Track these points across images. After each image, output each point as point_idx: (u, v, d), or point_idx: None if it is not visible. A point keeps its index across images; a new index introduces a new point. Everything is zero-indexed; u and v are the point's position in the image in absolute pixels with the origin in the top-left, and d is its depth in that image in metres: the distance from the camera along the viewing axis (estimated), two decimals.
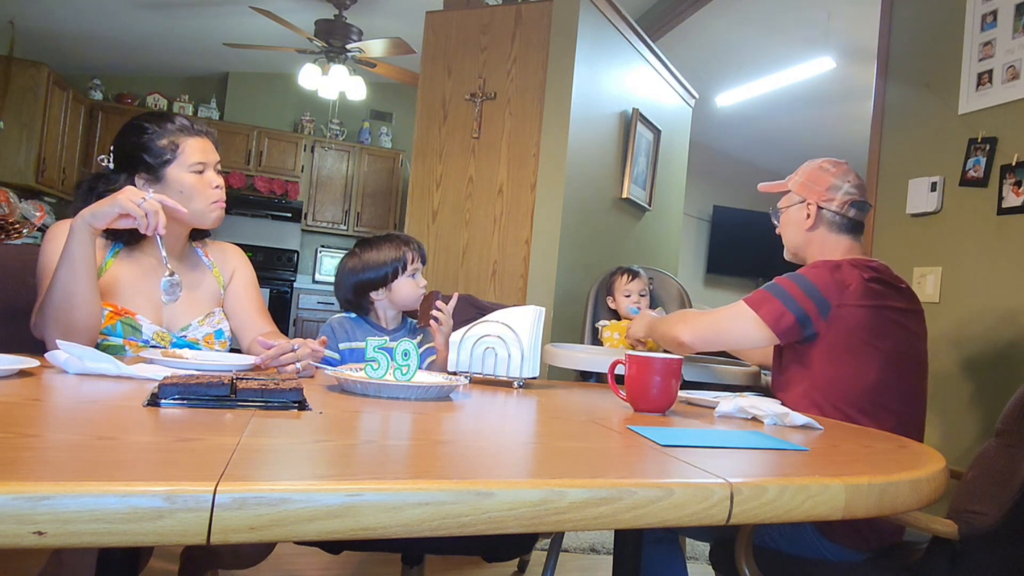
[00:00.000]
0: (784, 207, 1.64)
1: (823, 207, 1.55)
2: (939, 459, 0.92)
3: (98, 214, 1.27)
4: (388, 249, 1.74)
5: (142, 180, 1.48)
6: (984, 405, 2.12)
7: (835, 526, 1.32)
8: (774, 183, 1.67)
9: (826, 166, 1.59)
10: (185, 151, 1.49)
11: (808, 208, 1.57)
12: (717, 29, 4.96)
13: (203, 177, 1.51)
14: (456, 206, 3.36)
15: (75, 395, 0.96)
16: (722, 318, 1.52)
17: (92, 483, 0.51)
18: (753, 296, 1.49)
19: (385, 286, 1.73)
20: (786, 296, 1.43)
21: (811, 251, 1.59)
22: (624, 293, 2.47)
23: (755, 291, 1.50)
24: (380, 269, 1.72)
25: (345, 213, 6.45)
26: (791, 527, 1.34)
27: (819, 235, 1.57)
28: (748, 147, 7.24)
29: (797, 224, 1.59)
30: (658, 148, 4.01)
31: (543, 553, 2.32)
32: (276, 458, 0.69)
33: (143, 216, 1.27)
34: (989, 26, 2.20)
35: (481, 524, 0.59)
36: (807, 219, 1.57)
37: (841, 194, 1.54)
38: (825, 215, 1.56)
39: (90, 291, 1.30)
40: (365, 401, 1.08)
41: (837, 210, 1.54)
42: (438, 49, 3.43)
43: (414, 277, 1.74)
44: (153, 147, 1.47)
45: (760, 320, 1.44)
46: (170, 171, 1.48)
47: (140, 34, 5.38)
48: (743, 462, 0.83)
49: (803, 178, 1.60)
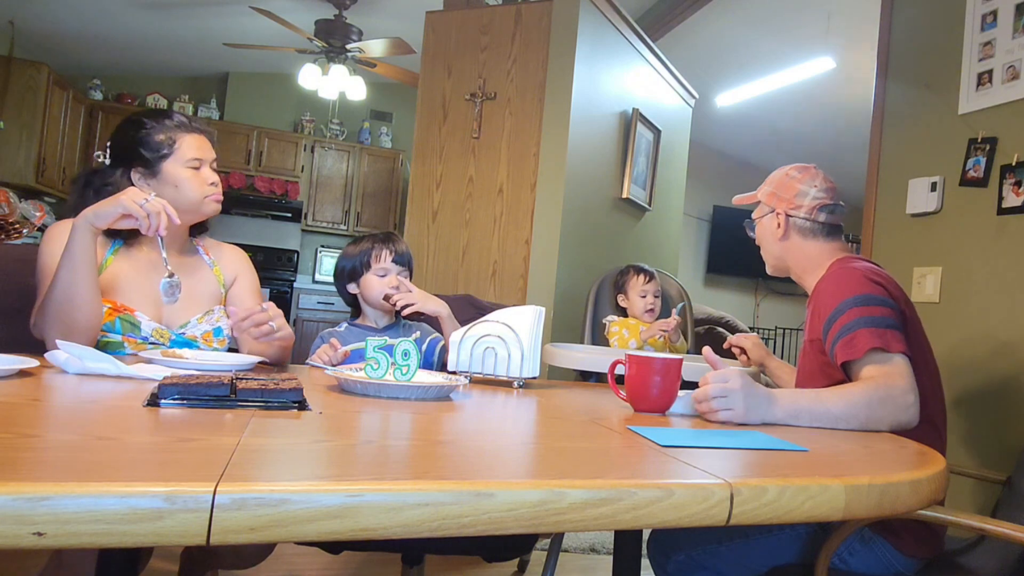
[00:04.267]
0: (757, 218, 1.60)
1: (792, 215, 1.51)
2: (939, 459, 0.92)
3: (100, 214, 1.27)
4: (363, 243, 1.77)
5: (138, 175, 1.49)
6: (984, 405, 2.12)
7: (905, 537, 1.29)
8: (746, 195, 1.63)
9: (792, 173, 1.55)
10: (181, 147, 1.49)
11: (778, 218, 1.53)
12: (717, 29, 4.96)
13: (199, 173, 1.51)
14: (456, 206, 3.36)
15: (75, 395, 0.96)
16: (889, 375, 1.24)
17: (92, 483, 0.51)
18: (859, 339, 1.26)
19: (355, 280, 1.75)
20: (882, 320, 1.29)
21: (791, 261, 1.54)
22: (640, 293, 2.48)
23: (845, 337, 1.28)
24: (349, 261, 1.75)
25: (345, 213, 6.45)
26: (863, 545, 1.31)
27: (794, 244, 1.52)
28: (748, 147, 7.24)
29: (771, 235, 1.55)
30: (658, 148, 4.01)
31: (543, 553, 2.32)
32: (276, 458, 0.69)
33: (145, 217, 1.28)
34: (989, 26, 2.20)
35: (481, 524, 0.59)
36: (778, 229, 1.53)
37: (808, 200, 1.50)
38: (795, 223, 1.51)
39: (91, 291, 1.30)
40: (365, 401, 1.08)
41: (807, 216, 1.50)
42: (438, 49, 3.43)
43: (382, 276, 1.73)
44: (150, 142, 1.48)
45: (905, 357, 1.27)
46: (166, 166, 1.48)
47: (140, 34, 5.37)
48: (743, 462, 0.83)
49: (771, 187, 1.56)
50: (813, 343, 1.42)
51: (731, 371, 1.14)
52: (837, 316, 1.31)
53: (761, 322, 7.79)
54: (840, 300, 1.32)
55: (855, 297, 1.31)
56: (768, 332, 7.52)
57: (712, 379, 1.13)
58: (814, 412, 1.17)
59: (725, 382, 1.12)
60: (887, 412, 1.19)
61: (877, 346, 1.25)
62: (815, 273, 1.49)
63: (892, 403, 1.20)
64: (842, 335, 1.29)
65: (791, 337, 7.66)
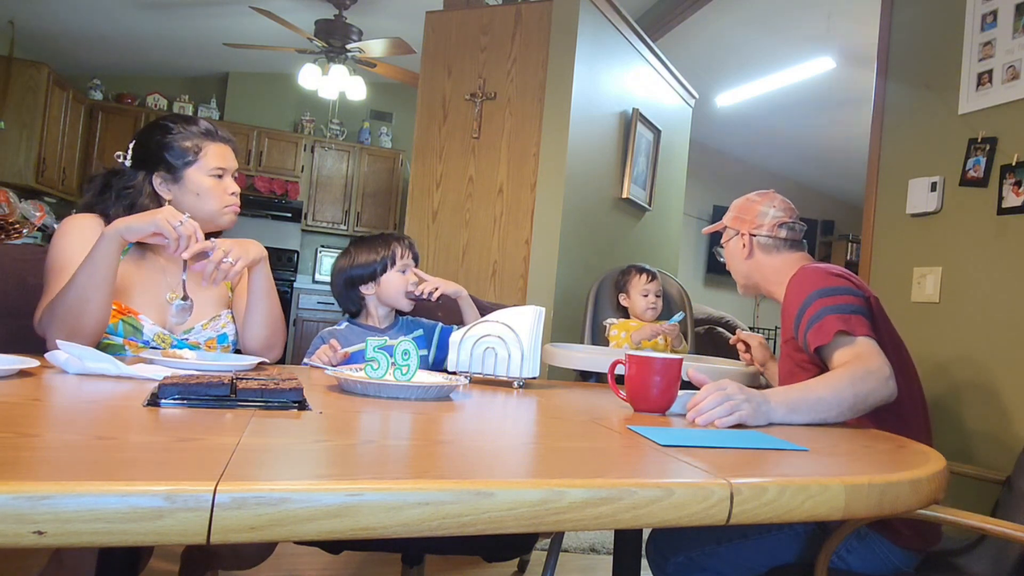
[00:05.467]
0: (724, 242, 1.71)
1: (755, 234, 1.62)
2: (939, 459, 0.92)
3: (133, 228, 1.28)
4: (379, 244, 1.78)
5: (160, 179, 1.49)
6: (983, 405, 2.12)
7: (901, 530, 1.30)
8: (713, 225, 1.76)
9: (753, 197, 1.68)
10: (207, 155, 1.50)
11: (743, 239, 1.64)
12: (717, 29, 4.96)
13: (221, 182, 1.52)
14: (456, 206, 3.36)
15: (75, 395, 0.96)
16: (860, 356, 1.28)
17: (92, 483, 0.51)
18: (826, 325, 1.32)
19: (374, 280, 1.76)
20: (846, 306, 1.34)
21: (759, 277, 1.64)
22: (642, 293, 2.49)
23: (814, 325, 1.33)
24: (370, 264, 1.75)
25: (345, 213, 6.45)
26: (859, 542, 1.33)
27: (759, 260, 1.63)
28: (748, 147, 7.24)
29: (737, 255, 1.66)
30: (658, 148, 4.01)
31: (543, 553, 2.32)
32: (276, 458, 0.69)
33: (176, 239, 1.29)
34: (989, 26, 2.20)
35: (481, 524, 0.59)
36: (743, 248, 1.64)
37: (768, 219, 1.62)
38: (758, 240, 1.62)
39: (105, 300, 1.30)
40: (365, 401, 1.08)
41: (768, 234, 1.61)
42: (438, 49, 3.43)
43: (404, 273, 1.76)
44: (176, 147, 1.48)
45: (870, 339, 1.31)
46: (189, 172, 1.49)
47: (140, 34, 5.38)
48: (743, 462, 0.83)
49: (734, 212, 1.68)
50: (788, 343, 1.48)
51: (723, 380, 1.15)
52: (805, 308, 1.39)
53: (761, 322, 7.80)
54: (805, 295, 1.40)
55: (819, 290, 1.39)
56: (768, 332, 7.52)
57: (711, 388, 1.12)
58: (807, 401, 1.19)
59: (724, 389, 1.11)
60: (870, 387, 1.23)
61: (842, 329, 1.31)
62: (782, 285, 1.54)
63: (871, 378, 1.24)
64: (811, 324, 1.36)
65: None
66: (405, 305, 1.78)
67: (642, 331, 2.37)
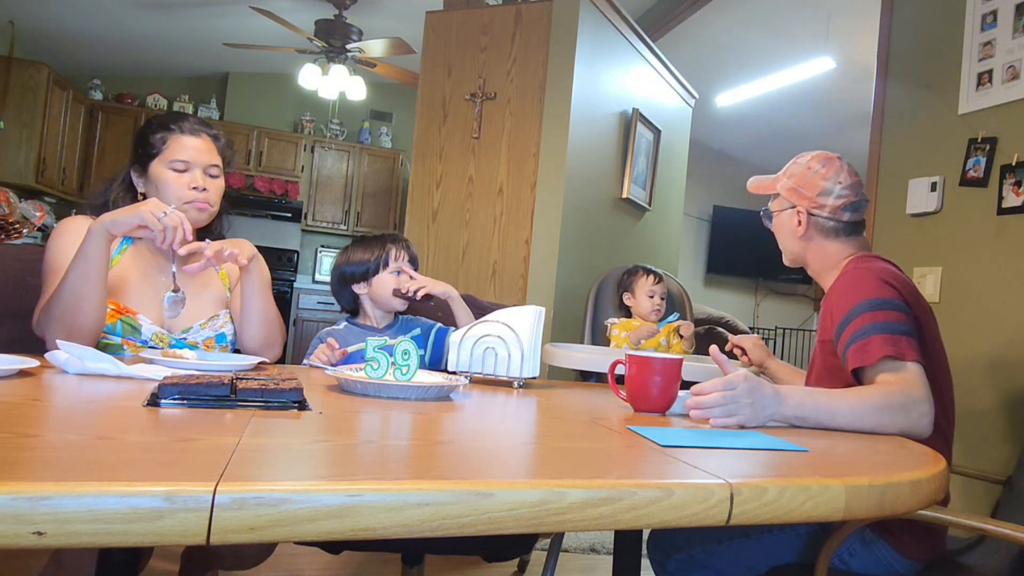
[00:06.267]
0: (775, 211, 1.51)
1: (814, 214, 1.42)
2: (940, 460, 0.92)
3: (118, 222, 1.28)
4: (375, 245, 1.78)
5: (135, 172, 1.51)
6: (984, 405, 2.12)
7: (906, 539, 1.29)
8: (763, 182, 1.53)
9: (814, 166, 1.43)
10: (169, 147, 1.48)
11: (799, 215, 1.44)
12: (717, 29, 4.96)
13: (181, 176, 1.48)
14: (456, 206, 3.36)
15: (75, 395, 0.96)
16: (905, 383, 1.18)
17: (92, 483, 0.51)
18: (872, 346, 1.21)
19: (366, 280, 1.75)
20: (895, 326, 1.23)
21: (811, 259, 1.48)
22: (648, 294, 2.50)
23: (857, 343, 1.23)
24: (363, 263, 1.75)
25: (345, 213, 6.45)
26: (863, 547, 1.31)
27: (815, 244, 1.45)
28: (748, 147, 7.24)
29: (790, 231, 1.47)
30: (658, 148, 4.01)
31: (543, 553, 2.32)
32: (276, 458, 0.69)
33: (162, 230, 1.29)
34: (989, 26, 2.20)
35: (481, 524, 0.59)
36: (799, 227, 1.44)
37: (832, 198, 1.41)
38: (817, 222, 1.43)
39: (99, 296, 1.30)
40: (365, 401, 1.08)
41: (830, 216, 1.42)
42: (438, 49, 3.43)
43: (397, 275, 1.75)
44: (147, 140, 1.49)
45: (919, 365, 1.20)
46: (153, 165, 1.48)
47: (140, 34, 5.38)
48: (743, 462, 0.83)
49: (791, 181, 1.46)
50: (824, 344, 1.37)
51: (739, 374, 1.09)
52: (849, 320, 1.26)
53: (761, 322, 7.79)
54: (853, 303, 1.27)
55: (868, 301, 1.26)
56: (768, 332, 7.52)
57: (720, 386, 1.07)
58: (819, 420, 1.12)
59: (732, 389, 1.07)
60: (898, 421, 1.14)
61: (890, 354, 1.19)
62: (832, 272, 1.44)
63: (905, 412, 1.14)
64: (854, 340, 1.24)
65: (791, 337, 7.65)
66: (397, 305, 1.77)
67: (639, 331, 2.38)
